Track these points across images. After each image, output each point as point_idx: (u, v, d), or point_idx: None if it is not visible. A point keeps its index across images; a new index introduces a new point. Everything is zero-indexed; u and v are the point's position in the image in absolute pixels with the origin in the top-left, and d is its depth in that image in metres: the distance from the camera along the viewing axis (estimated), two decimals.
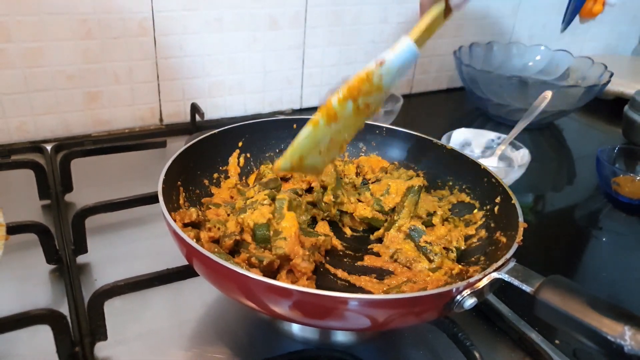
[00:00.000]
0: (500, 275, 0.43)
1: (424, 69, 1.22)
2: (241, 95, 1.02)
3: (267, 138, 0.72)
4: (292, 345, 0.53)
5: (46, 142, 0.86)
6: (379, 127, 0.74)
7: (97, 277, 0.60)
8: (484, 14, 1.21)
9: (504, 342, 0.55)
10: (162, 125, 0.97)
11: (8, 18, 0.77)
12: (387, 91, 0.57)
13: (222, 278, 0.45)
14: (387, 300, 0.41)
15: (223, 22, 0.93)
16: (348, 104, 0.56)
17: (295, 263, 0.51)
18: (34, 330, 0.46)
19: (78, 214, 0.60)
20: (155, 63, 0.91)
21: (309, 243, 0.55)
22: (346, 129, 0.58)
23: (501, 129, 0.90)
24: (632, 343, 0.35)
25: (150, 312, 0.55)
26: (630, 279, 0.68)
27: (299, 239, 0.54)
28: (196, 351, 0.51)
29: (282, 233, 0.53)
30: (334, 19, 1.03)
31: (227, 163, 0.68)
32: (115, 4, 0.83)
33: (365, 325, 0.43)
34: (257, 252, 0.53)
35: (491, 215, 0.59)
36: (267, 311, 0.44)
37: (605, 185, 0.83)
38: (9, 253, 0.47)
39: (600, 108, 1.19)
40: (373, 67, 0.54)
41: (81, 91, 0.87)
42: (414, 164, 0.72)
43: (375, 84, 0.55)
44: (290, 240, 0.52)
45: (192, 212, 0.55)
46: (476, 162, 0.64)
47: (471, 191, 0.65)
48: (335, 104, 0.56)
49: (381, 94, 0.56)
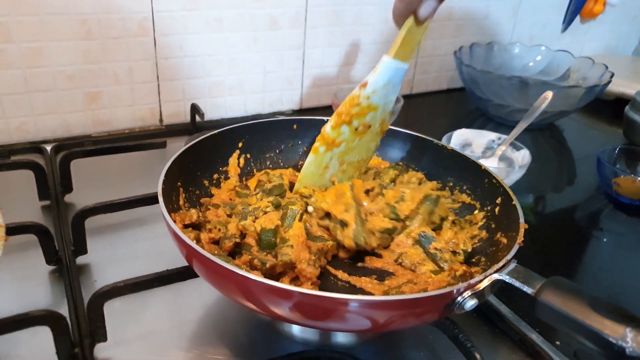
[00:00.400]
0: (501, 277, 0.43)
1: (424, 69, 1.22)
2: (241, 96, 1.02)
3: (267, 139, 0.72)
4: (292, 346, 0.53)
5: (46, 143, 0.86)
6: None
7: (96, 278, 0.60)
8: (484, 15, 1.21)
9: (504, 343, 0.55)
10: (162, 126, 0.97)
11: (8, 18, 0.77)
12: (385, 107, 0.60)
13: (222, 279, 0.45)
14: (387, 301, 0.41)
15: (223, 23, 0.93)
16: (343, 128, 0.59)
17: (301, 268, 0.50)
18: (34, 331, 0.46)
19: (78, 215, 0.60)
20: (155, 63, 0.91)
21: (315, 248, 0.55)
22: (355, 150, 0.62)
23: (501, 129, 0.90)
24: (634, 345, 0.35)
25: (150, 313, 0.55)
26: (631, 280, 0.68)
27: (305, 244, 0.54)
28: (196, 352, 0.51)
29: (289, 241, 0.53)
30: (334, 19, 1.03)
31: (227, 164, 0.68)
32: (115, 4, 0.83)
33: (366, 327, 0.43)
34: (259, 254, 0.52)
35: (492, 216, 0.59)
36: (267, 312, 0.44)
37: (606, 186, 0.83)
38: (8, 254, 0.47)
39: (601, 108, 1.19)
40: (357, 91, 0.57)
41: (81, 91, 0.87)
42: (414, 165, 0.72)
43: (365, 105, 0.58)
44: (296, 248, 0.52)
45: (192, 213, 0.55)
46: (477, 162, 0.64)
47: (472, 192, 0.64)
48: (329, 130, 0.59)
49: (377, 112, 0.60)
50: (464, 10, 1.18)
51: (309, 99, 1.10)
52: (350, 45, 1.08)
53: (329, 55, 1.07)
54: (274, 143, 0.72)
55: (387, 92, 0.58)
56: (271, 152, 0.72)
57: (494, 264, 0.45)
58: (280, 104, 1.07)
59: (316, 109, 1.11)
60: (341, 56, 1.08)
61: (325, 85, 1.10)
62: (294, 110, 1.09)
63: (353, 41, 1.08)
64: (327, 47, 1.05)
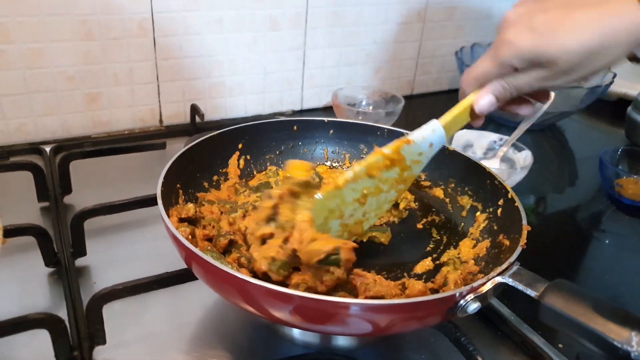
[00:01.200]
0: (504, 280, 0.43)
1: (425, 69, 1.22)
2: (241, 97, 1.02)
3: (267, 140, 0.72)
4: (292, 349, 0.52)
5: (46, 144, 0.86)
6: (380, 128, 0.73)
7: (96, 280, 0.59)
8: (485, 15, 1.21)
9: (506, 346, 0.54)
10: (162, 127, 0.96)
11: (8, 19, 0.77)
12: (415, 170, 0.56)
13: (221, 282, 0.45)
14: (389, 305, 0.41)
15: (223, 23, 0.93)
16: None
17: (259, 267, 0.48)
18: (32, 334, 0.46)
19: (77, 216, 0.60)
20: (155, 64, 0.90)
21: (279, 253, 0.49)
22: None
23: (503, 130, 0.89)
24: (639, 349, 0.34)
25: (150, 316, 0.55)
26: (633, 281, 0.67)
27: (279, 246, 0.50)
28: (196, 355, 0.51)
29: None
30: (334, 20, 1.03)
31: (227, 165, 0.68)
32: (115, 5, 0.83)
33: (367, 331, 0.43)
34: (246, 252, 0.52)
35: (494, 218, 0.59)
36: (266, 316, 0.44)
37: (608, 187, 0.83)
38: (6, 256, 0.47)
39: (603, 109, 1.19)
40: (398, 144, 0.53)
41: (81, 92, 0.87)
42: None
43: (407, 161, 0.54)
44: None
45: (189, 208, 0.55)
46: (479, 164, 0.64)
47: (474, 194, 0.64)
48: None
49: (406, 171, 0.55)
50: (465, 10, 1.17)
51: (310, 99, 1.09)
52: (350, 46, 1.08)
53: (329, 55, 1.06)
54: (274, 144, 0.72)
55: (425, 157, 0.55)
56: (271, 153, 0.72)
57: (497, 266, 0.45)
58: (281, 105, 1.07)
59: (316, 109, 1.11)
60: (341, 57, 1.08)
61: (326, 85, 1.09)
62: (294, 111, 1.09)
63: (353, 42, 1.08)
64: (327, 47, 1.05)
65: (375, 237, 0.61)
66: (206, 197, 0.62)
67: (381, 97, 1.05)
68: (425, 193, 0.69)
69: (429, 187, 0.69)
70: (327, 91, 1.10)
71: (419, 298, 0.41)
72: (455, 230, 0.62)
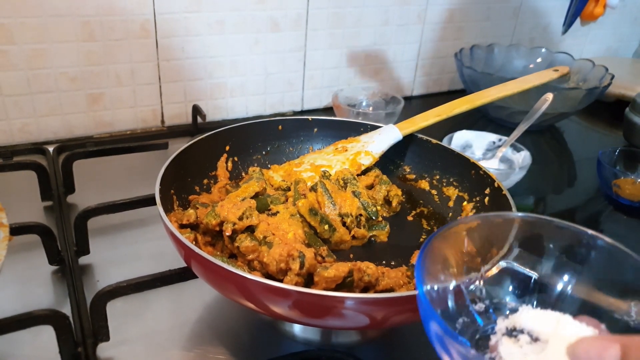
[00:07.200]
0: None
1: (425, 71, 1.22)
2: (243, 97, 1.02)
3: (253, 141, 0.73)
4: (293, 346, 0.53)
5: (48, 144, 0.86)
6: (363, 124, 0.74)
7: (99, 278, 0.60)
8: (485, 16, 1.22)
9: None
10: (164, 127, 0.97)
11: (11, 20, 0.78)
12: None
13: (219, 279, 0.45)
14: (386, 299, 0.41)
15: (225, 25, 0.93)
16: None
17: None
18: (37, 330, 0.47)
19: (80, 215, 0.61)
20: (157, 65, 0.91)
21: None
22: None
23: (502, 131, 0.90)
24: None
25: (153, 313, 0.56)
26: None
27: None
28: (198, 352, 0.51)
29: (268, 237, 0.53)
30: (335, 21, 1.04)
31: (216, 168, 0.68)
32: (118, 6, 0.84)
33: (365, 324, 0.43)
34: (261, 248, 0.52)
35: (481, 207, 0.60)
36: (265, 311, 0.44)
37: (606, 188, 0.83)
38: (11, 254, 0.47)
39: (601, 110, 1.19)
40: None
41: (83, 93, 0.88)
42: (399, 159, 0.72)
43: None
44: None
45: (190, 214, 0.56)
46: (462, 155, 0.65)
47: (459, 184, 0.65)
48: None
49: None
50: (465, 12, 1.18)
51: (310, 100, 1.10)
52: (351, 47, 1.09)
53: (330, 57, 1.07)
54: (259, 145, 0.73)
55: None
56: (258, 154, 0.73)
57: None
58: (282, 106, 1.08)
59: (317, 110, 1.11)
60: (342, 58, 1.09)
61: (327, 86, 1.10)
62: (295, 112, 1.10)
63: (354, 43, 1.08)
64: (328, 49, 1.06)
65: (376, 237, 0.62)
66: (199, 199, 0.62)
67: (381, 98, 1.05)
68: (411, 186, 0.71)
69: (414, 180, 0.71)
70: (327, 92, 1.10)
71: (413, 291, 0.42)
72: (444, 221, 0.64)
